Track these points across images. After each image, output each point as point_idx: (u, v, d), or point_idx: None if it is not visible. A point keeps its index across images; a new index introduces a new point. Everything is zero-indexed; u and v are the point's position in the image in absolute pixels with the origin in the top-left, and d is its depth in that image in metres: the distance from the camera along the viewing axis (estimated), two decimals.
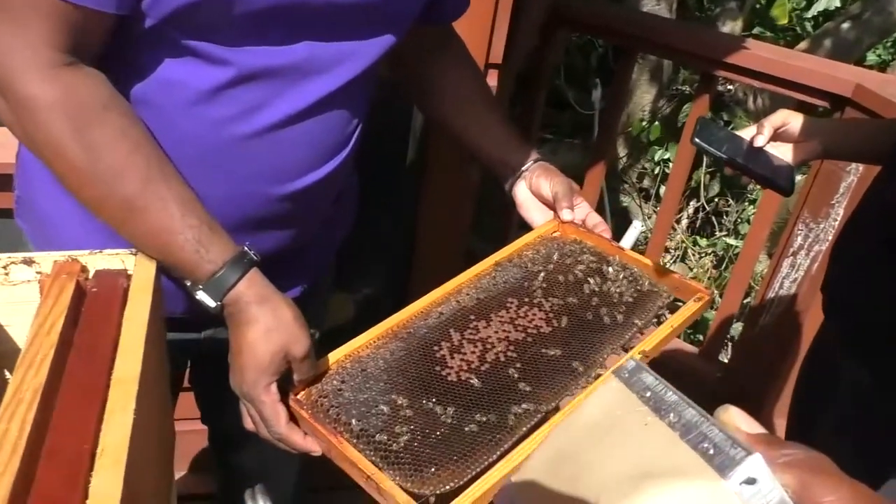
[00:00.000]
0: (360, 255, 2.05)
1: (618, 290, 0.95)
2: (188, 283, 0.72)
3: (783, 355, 1.86)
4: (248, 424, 0.78)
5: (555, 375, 0.84)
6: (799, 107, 1.70)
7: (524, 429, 0.78)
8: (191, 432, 1.33)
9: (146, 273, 0.70)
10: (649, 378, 0.42)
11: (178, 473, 1.71)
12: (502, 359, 0.85)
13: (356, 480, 0.74)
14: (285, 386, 0.77)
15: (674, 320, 0.92)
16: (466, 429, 0.76)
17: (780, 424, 1.97)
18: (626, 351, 0.89)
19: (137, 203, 0.68)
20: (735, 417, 0.41)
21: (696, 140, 1.06)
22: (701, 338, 2.77)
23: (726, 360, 2.26)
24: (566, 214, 0.99)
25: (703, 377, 2.07)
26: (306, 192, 0.81)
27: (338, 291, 2.24)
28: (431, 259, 1.85)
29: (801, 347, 1.83)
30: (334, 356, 0.84)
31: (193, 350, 0.98)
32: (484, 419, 0.77)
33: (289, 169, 0.79)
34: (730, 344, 2.56)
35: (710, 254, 3.36)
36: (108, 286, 0.67)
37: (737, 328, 2.51)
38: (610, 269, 0.98)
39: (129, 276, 0.69)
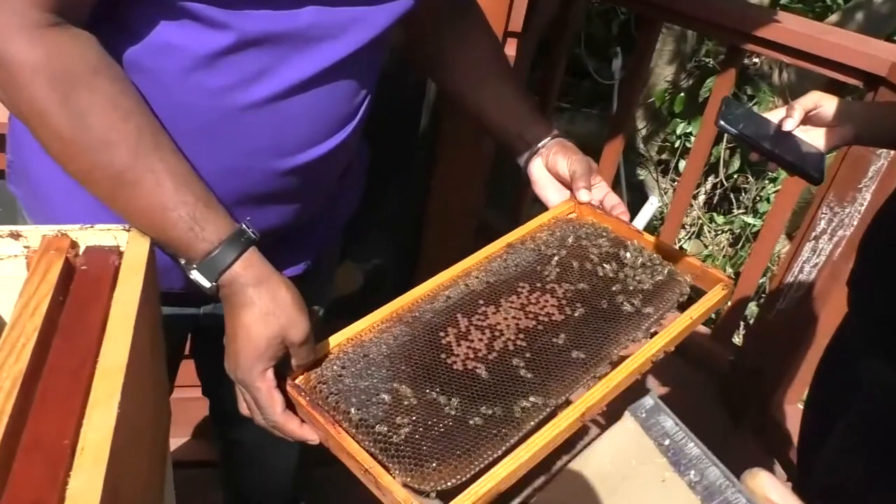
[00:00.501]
0: (370, 226, 2.02)
1: (635, 278, 0.91)
2: (182, 262, 0.69)
3: (799, 342, 1.82)
4: (244, 410, 0.75)
5: (566, 367, 0.80)
6: (829, 85, 1.63)
7: (531, 423, 0.75)
8: (193, 399, 1.31)
9: (139, 250, 0.66)
10: (668, 422, 0.38)
11: (180, 440, 1.71)
12: (511, 348, 0.81)
13: (354, 472, 0.71)
14: (283, 370, 0.74)
15: (693, 311, 0.88)
16: (471, 422, 0.73)
17: (791, 412, 1.94)
18: (646, 339, 0.85)
19: (127, 176, 0.64)
20: (764, 484, 0.36)
21: (721, 122, 1.00)
22: (713, 317, 2.72)
23: (739, 343, 2.22)
24: (583, 195, 0.95)
25: (715, 359, 2.03)
26: (310, 167, 0.77)
27: (346, 261, 2.22)
28: (443, 231, 1.81)
29: (818, 335, 1.79)
30: (335, 340, 0.80)
31: (192, 325, 0.95)
32: (489, 412, 0.74)
33: (291, 142, 0.74)
34: (743, 326, 2.51)
35: (726, 231, 3.30)
36: (98, 264, 0.64)
37: (751, 310, 2.47)
38: (627, 254, 0.94)
39: (121, 254, 0.66)
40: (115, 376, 0.51)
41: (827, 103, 1.01)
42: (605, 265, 0.92)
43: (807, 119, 1.02)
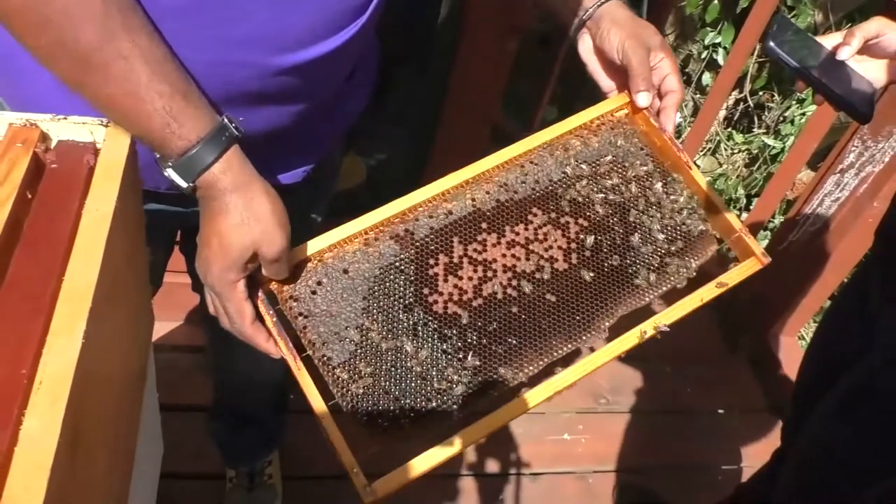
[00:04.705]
0: (380, 118, 1.92)
1: (664, 222, 0.82)
2: (157, 158, 0.63)
3: (807, 276, 1.78)
4: (212, 311, 0.72)
5: (552, 333, 0.74)
6: (887, 7, 1.49)
7: (495, 393, 0.71)
8: (187, 285, 1.28)
9: (118, 149, 0.59)
10: None
11: (174, 324, 1.69)
12: (499, 297, 0.75)
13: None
14: (257, 276, 0.70)
15: (723, 280, 0.82)
16: (435, 385, 0.70)
17: (787, 343, 1.93)
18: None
19: (94, 59, 0.56)
20: None
21: (770, 44, 0.90)
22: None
23: None
24: (642, 99, 0.78)
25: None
26: (311, 66, 0.68)
27: (350, 153, 2.13)
28: (456, 133, 1.72)
29: (827, 272, 1.75)
30: (316, 245, 0.74)
31: (180, 223, 0.89)
32: (455, 377, 0.71)
33: (290, 35, 0.65)
34: None
35: (743, 151, 3.18)
36: (70, 162, 0.57)
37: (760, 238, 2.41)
38: (668, 196, 0.83)
39: (97, 152, 0.59)
40: (82, 300, 0.46)
41: (891, 32, 0.90)
42: (635, 203, 0.81)
43: (864, 48, 0.92)
